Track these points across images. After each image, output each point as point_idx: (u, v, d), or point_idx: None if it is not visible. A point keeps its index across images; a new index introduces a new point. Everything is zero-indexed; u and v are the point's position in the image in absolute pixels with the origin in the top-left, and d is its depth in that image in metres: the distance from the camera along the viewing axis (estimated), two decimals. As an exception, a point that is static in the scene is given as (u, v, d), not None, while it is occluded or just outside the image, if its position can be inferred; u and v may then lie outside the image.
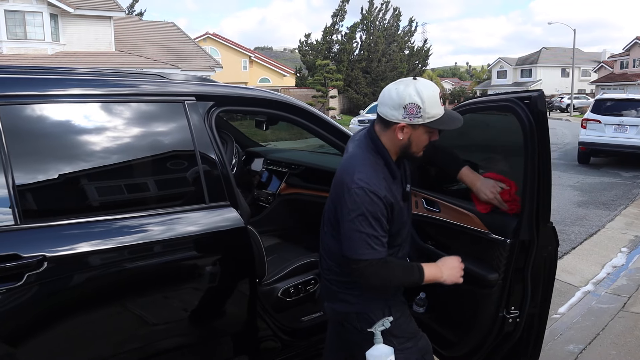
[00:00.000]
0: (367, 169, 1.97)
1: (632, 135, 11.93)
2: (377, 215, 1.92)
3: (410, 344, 2.14)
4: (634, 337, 3.76)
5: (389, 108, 1.95)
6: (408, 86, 1.93)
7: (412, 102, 1.91)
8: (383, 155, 2.02)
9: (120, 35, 23.74)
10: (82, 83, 2.24)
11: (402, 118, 1.93)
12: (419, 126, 1.96)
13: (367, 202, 1.90)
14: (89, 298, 2.08)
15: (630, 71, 42.44)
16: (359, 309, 2.09)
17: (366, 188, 1.91)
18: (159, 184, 2.35)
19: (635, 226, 7.25)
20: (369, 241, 1.90)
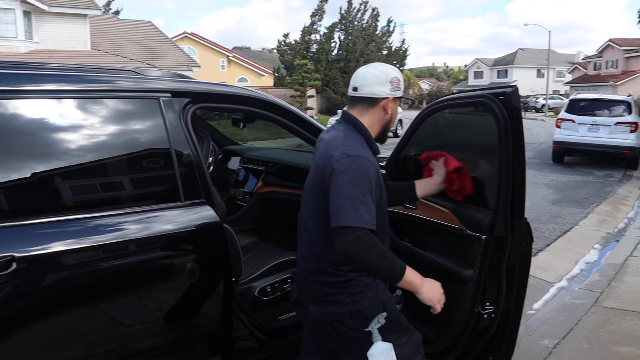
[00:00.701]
0: (354, 143, 2.00)
1: (605, 134, 12.18)
2: (369, 181, 1.92)
3: (405, 339, 2.13)
4: (606, 331, 3.83)
5: (375, 85, 2.06)
6: (384, 65, 2.13)
7: (395, 77, 2.09)
8: (365, 134, 2.07)
9: (96, 34, 23.37)
10: (56, 79, 2.18)
11: (390, 92, 2.08)
12: (396, 99, 2.12)
13: (360, 168, 1.91)
14: (62, 299, 2.04)
15: (603, 72, 43.29)
16: (352, 308, 2.05)
17: (357, 155, 1.94)
18: (134, 182, 2.32)
19: (608, 223, 7.41)
20: (361, 208, 1.85)
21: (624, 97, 13.36)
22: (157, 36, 26.88)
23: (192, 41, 36.60)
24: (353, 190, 1.87)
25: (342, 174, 1.90)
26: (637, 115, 12.50)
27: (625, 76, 39.47)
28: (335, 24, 39.00)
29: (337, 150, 1.96)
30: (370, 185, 1.92)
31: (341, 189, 1.88)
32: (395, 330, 2.10)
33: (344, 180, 1.89)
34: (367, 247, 1.84)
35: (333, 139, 2.06)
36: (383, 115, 2.10)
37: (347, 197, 1.86)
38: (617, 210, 8.25)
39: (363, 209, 1.86)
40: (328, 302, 2.09)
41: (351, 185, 1.88)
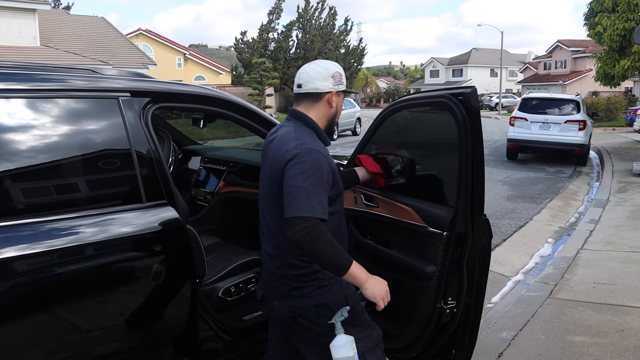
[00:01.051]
0: (305, 136, 2.07)
1: (556, 132, 12.62)
2: (322, 173, 1.98)
3: (367, 333, 2.18)
4: (561, 322, 3.97)
5: (318, 81, 2.14)
6: (325, 61, 2.21)
7: (337, 71, 2.17)
8: (314, 127, 2.14)
9: (46, 30, 22.55)
10: (7, 77, 2.09)
11: (333, 86, 2.15)
12: (340, 93, 2.20)
13: (312, 160, 1.97)
14: (16, 306, 1.96)
15: (553, 72, 44.81)
16: (317, 301, 2.09)
17: (309, 147, 2.00)
18: (93, 184, 2.25)
19: (560, 218, 7.68)
20: (312, 199, 1.91)
21: (573, 96, 13.89)
22: (111, 33, 26.17)
23: (148, 38, 35.82)
24: (305, 182, 1.93)
25: (295, 165, 1.96)
26: (585, 114, 13.02)
27: (573, 76, 41.00)
28: (292, 23, 38.94)
29: (291, 143, 2.02)
30: (322, 177, 1.98)
31: (294, 181, 1.94)
32: (357, 324, 2.15)
33: (296, 171, 1.95)
34: (315, 237, 1.89)
35: (285, 134, 2.11)
36: (328, 109, 2.18)
37: (299, 189, 1.92)
38: (568, 205, 8.56)
39: (314, 199, 1.92)
40: (293, 296, 2.12)
41: (304, 176, 1.94)
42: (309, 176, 1.94)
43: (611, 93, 30.44)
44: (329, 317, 2.05)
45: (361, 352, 2.09)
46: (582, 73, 40.56)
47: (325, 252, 1.92)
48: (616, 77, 15.65)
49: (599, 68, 16.46)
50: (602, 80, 16.71)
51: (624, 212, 7.73)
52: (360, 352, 2.09)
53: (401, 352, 2.76)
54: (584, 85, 38.65)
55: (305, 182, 1.93)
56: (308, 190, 1.92)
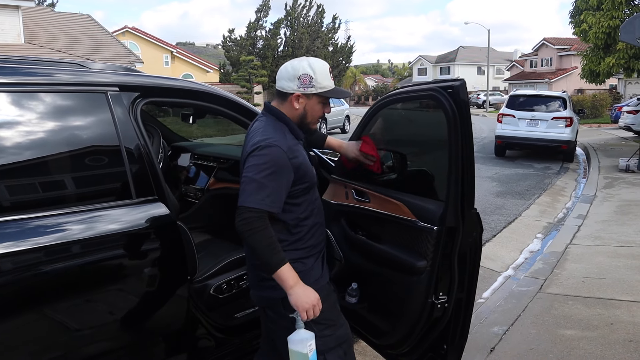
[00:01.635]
0: (268, 131, 2.09)
1: (543, 129, 12.72)
2: (278, 167, 1.99)
3: (329, 332, 2.17)
4: (551, 316, 4.00)
5: (285, 80, 2.13)
6: (302, 61, 2.14)
7: (305, 73, 2.11)
8: (284, 120, 2.15)
9: (31, 27, 22.27)
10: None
11: (297, 88, 2.11)
12: (313, 96, 2.14)
13: (268, 155, 1.99)
14: (7, 304, 1.92)
15: (539, 70, 45.18)
16: (283, 293, 2.06)
17: (272, 144, 2.01)
18: (82, 180, 2.21)
19: (548, 214, 7.74)
20: (262, 192, 1.94)
21: (560, 93, 13.99)
22: (97, 30, 25.91)
23: (134, 36, 35.55)
24: (258, 174, 1.96)
25: (252, 158, 2.00)
26: (571, 111, 13.12)
27: (559, 73, 41.38)
28: (280, 20, 38.77)
29: (254, 139, 2.07)
30: (279, 172, 2.00)
31: (248, 172, 1.99)
32: (321, 322, 2.14)
33: (252, 163, 1.99)
34: (254, 229, 1.93)
35: (254, 129, 2.16)
36: (293, 110, 2.15)
37: (251, 180, 1.97)
38: (556, 201, 8.63)
39: (264, 192, 1.95)
40: (263, 287, 2.14)
41: (257, 169, 1.97)
42: (263, 170, 1.97)
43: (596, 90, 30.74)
44: (292, 311, 2.05)
45: (321, 349, 2.10)
46: (567, 71, 40.96)
47: (260, 246, 1.95)
48: (601, 75, 15.80)
49: (585, 66, 16.60)
50: (587, 78, 16.85)
51: (611, 207, 7.80)
52: (321, 350, 2.10)
53: (392, 347, 2.75)
54: (569, 83, 39.01)
55: (258, 174, 1.96)
56: (259, 182, 1.95)
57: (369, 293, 2.69)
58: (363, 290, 2.73)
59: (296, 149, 2.11)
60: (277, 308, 2.13)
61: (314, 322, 2.08)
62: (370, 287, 2.71)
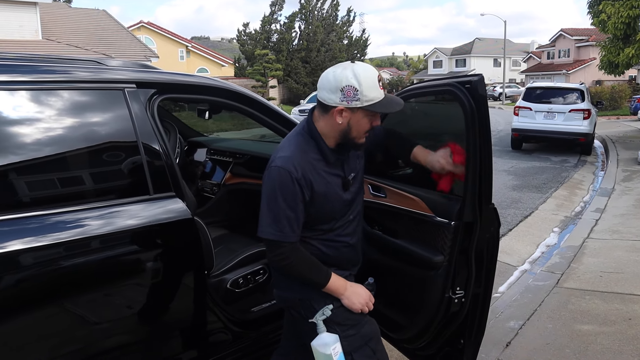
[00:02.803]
0: (292, 149, 1.97)
1: (560, 121, 12.57)
2: (290, 195, 1.91)
3: (354, 331, 2.12)
4: (568, 311, 3.97)
5: (326, 92, 1.92)
6: (345, 69, 1.90)
7: (349, 85, 1.87)
8: (315, 139, 2.00)
9: (48, 23, 22.52)
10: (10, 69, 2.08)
11: (340, 101, 1.90)
12: (358, 110, 1.92)
13: (280, 181, 1.91)
14: (28, 298, 1.96)
15: (556, 61, 44.59)
16: (301, 295, 2.09)
17: (282, 167, 1.91)
18: (101, 176, 2.24)
19: (565, 207, 7.66)
20: (277, 222, 1.90)
21: (578, 85, 13.80)
22: (113, 25, 26.11)
23: (149, 31, 35.75)
24: (272, 203, 1.91)
25: (265, 182, 1.95)
26: (589, 103, 12.95)
27: (577, 65, 40.81)
28: (295, 14, 38.77)
29: (274, 154, 2.00)
30: (290, 197, 1.91)
31: (264, 198, 1.94)
32: (343, 323, 2.10)
33: (266, 189, 1.94)
34: (292, 263, 1.95)
35: (284, 140, 2.08)
36: (336, 124, 1.95)
37: (267, 209, 1.92)
38: (573, 195, 8.54)
39: (285, 221, 1.90)
40: (282, 287, 2.14)
41: (270, 196, 1.92)
42: (274, 198, 1.91)
43: (615, 82, 30.27)
44: (311, 314, 2.05)
45: (348, 350, 2.07)
46: (585, 62, 40.37)
47: (302, 274, 1.99)
48: (620, 66, 15.55)
49: (603, 57, 16.34)
50: (606, 69, 16.60)
51: (630, 200, 7.70)
52: (347, 350, 2.06)
53: (409, 342, 2.76)
54: (587, 74, 38.46)
55: (272, 203, 1.91)
56: (273, 212, 1.91)
57: (385, 288, 2.69)
58: (379, 284, 2.74)
59: (315, 175, 1.97)
60: (297, 308, 2.13)
61: (336, 323, 2.06)
62: (387, 282, 2.71)
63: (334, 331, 2.04)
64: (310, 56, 37.99)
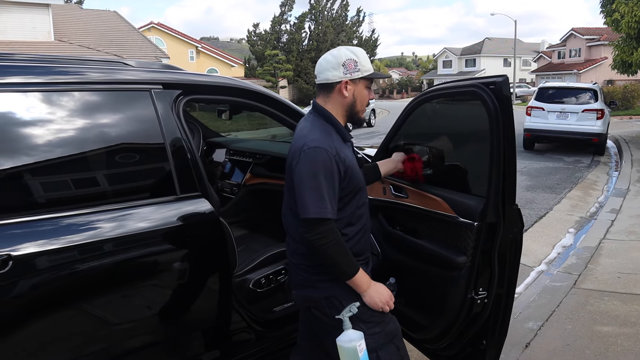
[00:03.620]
0: (317, 132, 2.05)
1: (573, 121, 12.49)
2: (330, 173, 1.97)
3: (379, 329, 2.15)
4: (587, 312, 3.95)
5: (328, 71, 2.09)
6: (340, 49, 2.13)
7: (349, 58, 2.09)
8: (331, 121, 2.11)
9: (60, 24, 22.70)
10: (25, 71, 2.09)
11: (343, 75, 2.08)
12: (359, 81, 2.12)
13: (320, 160, 1.97)
14: (60, 297, 1.99)
15: (567, 61, 44.26)
16: (327, 293, 2.10)
17: (318, 147, 1.98)
18: (130, 176, 2.27)
19: (580, 208, 7.62)
20: (321, 200, 1.94)
21: (591, 85, 13.71)
22: (123, 27, 26.27)
23: (160, 32, 35.89)
24: (312, 181, 1.95)
25: (302, 164, 1.98)
26: (602, 103, 12.85)
27: (588, 64, 40.46)
28: (305, 14, 38.81)
29: (301, 141, 2.03)
30: (328, 176, 1.97)
31: (303, 180, 1.97)
32: (368, 320, 2.13)
33: (302, 172, 1.98)
34: (330, 242, 1.95)
35: (300, 130, 2.14)
36: (342, 99, 2.12)
37: (308, 188, 1.95)
38: (588, 195, 8.49)
39: (325, 199, 1.95)
40: (306, 286, 2.15)
41: (310, 176, 1.96)
42: (315, 176, 1.95)
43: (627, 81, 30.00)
44: (337, 311, 2.06)
45: (373, 347, 2.10)
46: (597, 61, 40.03)
47: (337, 257, 1.99)
48: (634, 65, 15.39)
49: (616, 56, 16.17)
50: (619, 69, 16.45)
51: (646, 201, 7.65)
52: (372, 347, 2.09)
53: (431, 342, 2.76)
54: (599, 74, 38.14)
55: (313, 181, 1.95)
56: (317, 190, 1.95)
57: (407, 288, 2.70)
58: (401, 284, 2.74)
59: (343, 152, 2.07)
60: (321, 308, 2.13)
61: (362, 321, 2.09)
62: (408, 282, 2.72)
63: (359, 328, 2.06)
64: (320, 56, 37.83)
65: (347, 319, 2.04)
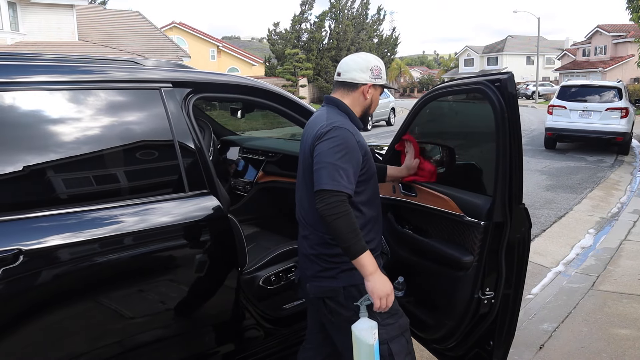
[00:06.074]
0: (336, 116, 2.16)
1: (596, 120, 12.25)
2: (350, 149, 2.04)
3: (392, 320, 2.19)
4: (604, 314, 3.88)
5: (356, 72, 2.22)
6: (367, 54, 2.29)
7: (376, 65, 2.25)
8: (346, 111, 2.21)
9: (84, 25, 23.09)
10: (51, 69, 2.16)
11: (369, 78, 2.23)
12: (377, 87, 2.28)
13: (340, 136, 2.05)
14: (69, 292, 2.03)
15: (592, 59, 43.45)
16: (346, 282, 2.13)
17: (341, 126, 2.08)
18: (138, 174, 2.30)
19: (601, 208, 7.48)
20: (341, 173, 1.99)
21: (615, 83, 13.43)
22: (146, 26, 26.59)
23: (181, 31, 36.25)
24: (333, 157, 2.01)
25: (324, 142, 2.05)
26: (627, 101, 12.59)
27: (614, 62, 39.67)
28: (325, 13, 38.73)
29: (321, 123, 2.12)
30: (350, 153, 2.04)
31: (323, 157, 2.02)
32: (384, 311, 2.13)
33: (325, 147, 2.04)
34: (339, 213, 1.95)
35: (317, 116, 2.24)
36: (362, 99, 2.25)
37: (327, 163, 2.00)
38: (610, 195, 8.33)
39: (342, 174, 1.99)
40: (324, 277, 2.17)
41: (332, 152, 2.02)
42: (337, 152, 2.01)
43: (655, 79, 29.33)
44: (355, 300, 2.08)
45: (385, 338, 2.12)
46: (623, 59, 39.21)
47: (345, 231, 1.96)
48: (661, 63, 15.08)
49: (643, 53, 15.86)
50: (646, 66, 16.11)
51: (669, 202, 7.48)
52: (384, 338, 2.12)
53: (438, 342, 2.75)
54: (625, 72, 37.37)
55: (334, 157, 2.00)
56: (336, 165, 1.99)
57: (415, 287, 2.69)
58: (409, 283, 2.73)
59: (360, 135, 2.17)
60: (338, 298, 2.15)
61: (377, 311, 2.09)
62: (417, 281, 2.71)
63: (373, 318, 2.08)
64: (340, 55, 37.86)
65: (365, 306, 2.06)
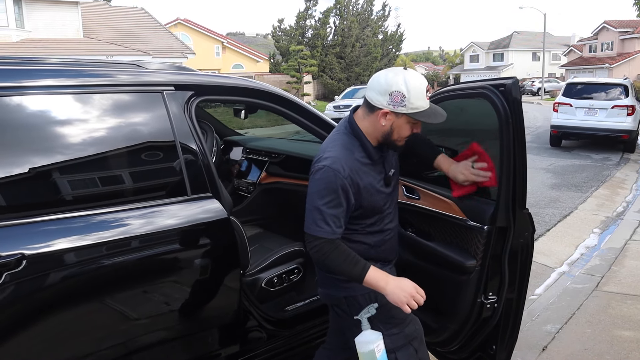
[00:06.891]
0: (337, 149, 2.04)
1: (602, 118, 12.19)
2: (336, 193, 1.97)
3: (397, 330, 2.17)
4: (608, 315, 3.87)
5: (375, 93, 2.00)
6: (397, 75, 1.98)
7: (398, 91, 1.95)
8: (359, 137, 2.07)
9: (88, 21, 23.13)
10: (57, 73, 2.16)
11: (387, 104, 1.98)
12: (402, 115, 2.00)
13: (327, 180, 1.97)
14: (72, 296, 2.04)
15: (599, 55, 43.21)
16: (347, 292, 2.13)
17: (329, 166, 1.97)
18: (140, 177, 2.31)
19: (606, 207, 7.44)
20: (318, 219, 1.96)
21: (621, 80, 13.35)
22: (150, 23, 26.64)
23: (186, 27, 36.28)
24: (318, 201, 1.97)
25: (311, 182, 2.02)
26: (633, 98, 12.51)
27: (620, 58, 39.45)
28: (330, 9, 38.66)
29: (318, 156, 2.05)
30: (337, 199, 1.98)
31: (309, 198, 2.01)
32: (387, 321, 2.14)
33: (311, 189, 2.01)
34: (325, 254, 1.97)
35: (327, 140, 2.15)
36: (379, 125, 2.03)
37: (312, 207, 1.99)
38: (615, 194, 8.29)
39: (327, 219, 1.96)
40: (328, 285, 2.18)
41: (317, 196, 1.98)
42: (322, 197, 1.97)
43: (662, 76, 29.15)
44: (356, 312, 2.08)
45: (391, 348, 2.11)
46: (630, 55, 38.98)
47: (337, 265, 1.99)
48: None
49: (650, 50, 15.74)
50: (652, 63, 15.99)
51: (675, 201, 7.43)
52: (390, 348, 2.10)
53: (441, 345, 2.75)
54: (632, 68, 37.16)
55: (319, 201, 1.97)
56: (320, 210, 1.96)
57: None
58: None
59: (361, 172, 2.05)
60: (342, 306, 2.18)
61: (380, 321, 2.10)
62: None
63: (377, 329, 2.08)
64: (345, 52, 37.86)
65: (366, 319, 2.06)
